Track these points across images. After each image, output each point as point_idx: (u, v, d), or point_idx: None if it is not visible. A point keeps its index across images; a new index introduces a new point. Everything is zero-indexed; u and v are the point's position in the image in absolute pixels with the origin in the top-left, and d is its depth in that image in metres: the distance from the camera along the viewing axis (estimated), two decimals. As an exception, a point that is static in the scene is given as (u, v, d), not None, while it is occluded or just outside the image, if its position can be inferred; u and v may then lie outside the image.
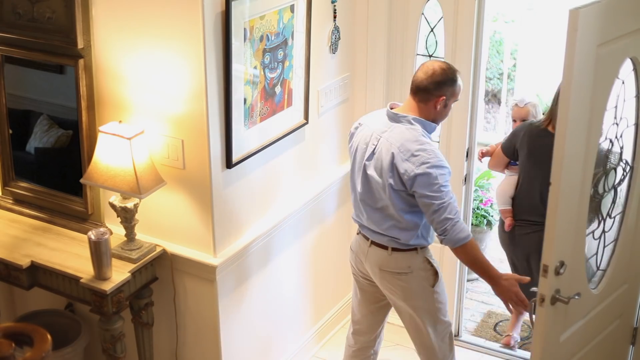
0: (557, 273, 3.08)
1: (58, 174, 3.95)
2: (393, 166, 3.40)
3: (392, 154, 3.40)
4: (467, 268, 4.48)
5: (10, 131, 3.91)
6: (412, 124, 3.45)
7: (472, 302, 5.08)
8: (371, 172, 3.51)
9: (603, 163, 3.34)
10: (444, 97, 3.45)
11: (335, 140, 4.41)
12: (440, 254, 4.62)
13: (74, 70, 3.58)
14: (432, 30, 4.31)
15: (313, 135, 4.17)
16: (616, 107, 3.29)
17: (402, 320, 3.81)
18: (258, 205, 3.87)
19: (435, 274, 3.62)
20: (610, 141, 3.34)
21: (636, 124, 3.44)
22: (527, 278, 3.48)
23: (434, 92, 3.44)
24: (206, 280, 3.66)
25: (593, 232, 3.40)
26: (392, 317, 4.87)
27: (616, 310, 3.70)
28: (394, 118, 3.49)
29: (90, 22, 3.51)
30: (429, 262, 3.61)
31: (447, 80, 3.45)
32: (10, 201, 3.98)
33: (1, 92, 3.85)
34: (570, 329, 3.37)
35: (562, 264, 3.09)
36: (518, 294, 3.42)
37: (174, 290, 3.77)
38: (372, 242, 3.62)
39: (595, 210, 3.40)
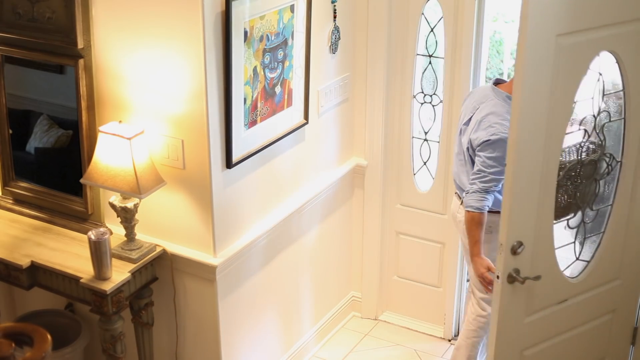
0: (515, 252, 3.21)
1: (58, 174, 3.95)
2: (477, 133, 3.72)
3: (478, 122, 3.72)
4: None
5: (10, 131, 3.91)
6: (505, 101, 3.72)
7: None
8: (464, 137, 3.84)
9: (577, 153, 3.44)
10: None
11: (335, 140, 4.41)
12: (441, 252, 4.63)
13: (74, 70, 3.58)
14: (432, 30, 4.31)
15: (313, 135, 4.17)
16: (592, 99, 3.38)
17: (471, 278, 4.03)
18: (258, 205, 3.87)
19: None
20: (586, 132, 3.43)
21: (624, 119, 3.46)
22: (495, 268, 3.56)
23: None
24: (206, 280, 3.66)
25: (568, 220, 3.51)
26: (392, 317, 4.88)
27: (606, 304, 3.72)
28: (494, 92, 3.78)
29: (90, 22, 3.51)
30: None
31: None
32: (10, 201, 3.98)
33: (1, 92, 3.85)
34: (539, 313, 3.45)
35: (519, 244, 3.20)
36: (484, 275, 3.75)
37: (174, 290, 3.77)
38: (462, 201, 3.90)
39: (571, 200, 3.48)
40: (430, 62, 4.39)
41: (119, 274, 3.50)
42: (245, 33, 3.45)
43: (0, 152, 3.94)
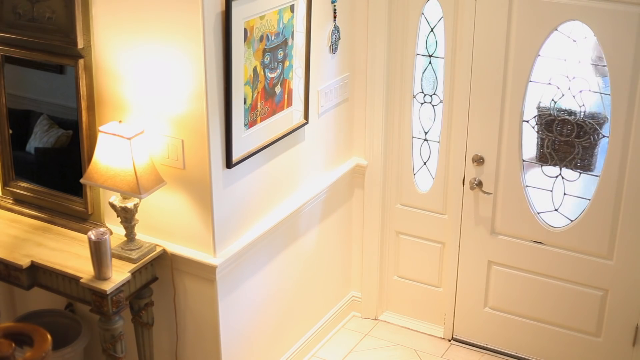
0: (477, 162, 4.18)
1: (58, 174, 3.94)
2: None
3: None
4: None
5: (10, 131, 3.91)
6: None
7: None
8: None
9: (550, 106, 4.01)
10: None
11: (335, 140, 4.41)
12: (441, 252, 4.63)
13: (74, 70, 3.58)
14: (432, 30, 4.31)
15: (313, 135, 4.17)
16: (565, 60, 3.91)
17: None
18: (258, 205, 3.87)
19: None
20: (558, 88, 3.96)
21: (610, 95, 3.83)
22: None
23: None
24: (206, 280, 3.66)
25: (542, 166, 4.12)
26: (392, 317, 4.87)
27: (594, 277, 4.15)
28: None
29: (90, 22, 3.51)
30: None
31: None
32: (10, 201, 3.98)
33: (1, 92, 3.85)
34: (507, 237, 4.29)
35: (480, 157, 4.20)
36: None
37: (174, 290, 3.77)
38: None
39: (547, 151, 4.09)
40: (430, 62, 4.39)
41: (119, 274, 3.50)
42: (245, 33, 3.45)
43: (0, 152, 3.94)
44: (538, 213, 4.22)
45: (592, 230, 4.09)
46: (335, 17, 4.14)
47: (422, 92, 4.44)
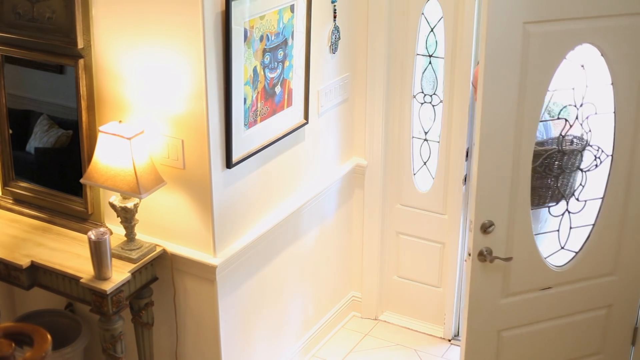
0: (485, 231, 3.33)
1: (58, 174, 3.95)
2: None
3: None
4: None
5: (10, 131, 3.91)
6: None
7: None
8: None
9: (558, 143, 3.52)
10: None
11: (335, 140, 4.41)
12: (441, 252, 4.63)
13: (74, 70, 3.58)
14: (432, 30, 4.31)
15: (313, 135, 4.18)
16: (574, 89, 3.44)
17: None
18: (258, 205, 3.87)
19: None
20: (567, 121, 3.51)
21: (614, 113, 3.49)
22: None
23: None
24: (206, 280, 3.66)
25: (549, 208, 3.62)
26: (392, 317, 4.88)
27: (599, 298, 3.78)
28: None
29: (90, 22, 3.51)
30: None
31: None
32: (10, 201, 3.98)
33: (1, 92, 3.85)
34: (518, 296, 3.58)
35: (490, 223, 3.33)
36: None
37: (174, 290, 3.77)
38: None
39: (553, 188, 3.63)
40: (430, 62, 4.39)
41: (119, 274, 3.50)
42: (245, 33, 3.45)
43: (0, 152, 3.94)
44: (545, 258, 3.60)
45: (597, 255, 3.68)
46: (335, 17, 4.14)
47: (422, 92, 4.44)
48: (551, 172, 3.55)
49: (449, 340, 4.69)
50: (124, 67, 3.53)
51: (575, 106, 3.45)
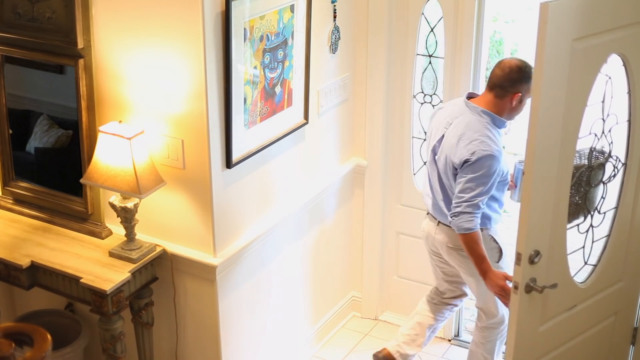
0: (532, 262, 3.15)
1: (58, 174, 3.95)
2: (456, 150, 3.64)
3: (457, 140, 3.65)
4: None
5: (10, 131, 3.91)
6: (481, 116, 3.68)
7: (472, 302, 5.08)
8: (439, 153, 3.75)
9: (588, 158, 3.40)
10: (520, 94, 3.66)
11: (336, 140, 4.41)
12: (440, 254, 4.63)
13: (74, 70, 3.58)
14: (432, 30, 4.31)
15: (313, 135, 4.17)
16: (603, 102, 3.33)
17: (471, 291, 4.06)
18: (258, 205, 3.87)
19: (500, 251, 3.85)
20: (595, 136, 3.38)
21: (629, 121, 3.45)
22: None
23: (510, 89, 3.65)
24: (206, 280, 3.66)
25: (578, 225, 3.45)
26: (392, 317, 4.87)
27: (610, 306, 3.71)
28: (468, 108, 3.73)
29: (90, 22, 3.51)
30: (494, 240, 3.84)
31: (523, 78, 3.63)
32: (10, 201, 3.98)
33: (1, 92, 3.85)
34: (552, 321, 3.41)
35: (537, 253, 3.16)
36: (504, 287, 3.65)
37: (174, 290, 3.77)
38: (439, 222, 3.88)
39: (580, 204, 3.46)
40: (430, 62, 4.39)
41: (119, 274, 3.50)
42: (245, 33, 3.45)
43: (0, 152, 3.94)
44: (572, 277, 3.49)
45: (612, 264, 3.62)
46: (335, 17, 4.14)
47: (422, 92, 4.44)
48: (581, 188, 3.43)
49: (449, 341, 4.69)
50: (124, 67, 3.53)
51: (602, 119, 3.37)
